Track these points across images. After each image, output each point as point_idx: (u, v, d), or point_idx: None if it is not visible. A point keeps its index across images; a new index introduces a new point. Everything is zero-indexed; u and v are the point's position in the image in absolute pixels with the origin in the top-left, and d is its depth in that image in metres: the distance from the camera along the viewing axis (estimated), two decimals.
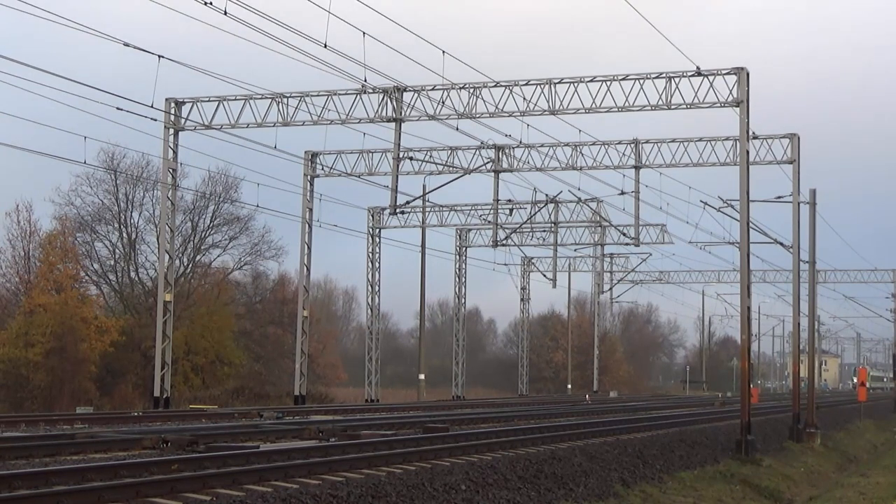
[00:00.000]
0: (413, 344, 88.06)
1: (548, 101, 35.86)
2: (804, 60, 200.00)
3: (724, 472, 23.71)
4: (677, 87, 34.63)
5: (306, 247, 46.53)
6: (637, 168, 43.45)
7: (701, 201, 43.29)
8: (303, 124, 38.96)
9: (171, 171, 40.06)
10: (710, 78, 33.79)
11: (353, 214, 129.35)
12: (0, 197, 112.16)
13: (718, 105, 33.58)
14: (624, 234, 54.36)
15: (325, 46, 27.74)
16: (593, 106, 35.58)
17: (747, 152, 31.08)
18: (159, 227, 47.81)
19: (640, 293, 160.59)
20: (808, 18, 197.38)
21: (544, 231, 58.60)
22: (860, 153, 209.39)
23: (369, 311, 57.39)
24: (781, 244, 43.27)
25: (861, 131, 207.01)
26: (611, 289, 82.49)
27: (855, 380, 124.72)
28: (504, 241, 54.88)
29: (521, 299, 76.67)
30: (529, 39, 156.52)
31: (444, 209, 57.08)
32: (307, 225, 46.18)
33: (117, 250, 56.85)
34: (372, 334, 57.00)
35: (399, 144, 37.48)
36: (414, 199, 45.79)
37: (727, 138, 41.37)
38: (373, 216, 56.58)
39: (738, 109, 32.46)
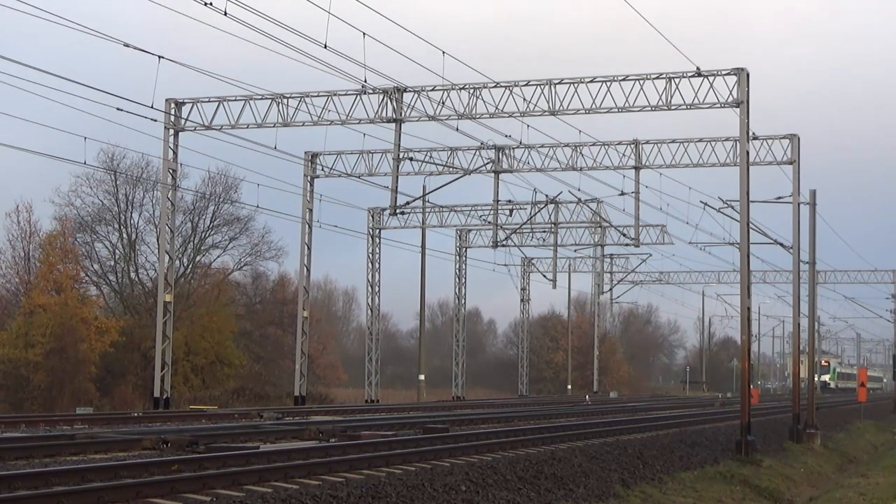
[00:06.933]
0: (413, 344, 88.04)
1: (548, 102, 35.85)
2: (804, 61, 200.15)
3: (724, 472, 23.69)
4: (677, 87, 34.63)
5: (306, 247, 46.54)
6: (637, 168, 43.45)
7: (701, 202, 43.37)
8: (303, 125, 38.93)
9: (171, 171, 40.06)
10: (710, 78, 33.79)
11: (354, 215, 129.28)
12: (0, 197, 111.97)
13: (718, 105, 33.56)
14: (624, 235, 54.38)
15: (326, 47, 27.75)
16: (593, 106, 35.57)
17: (747, 153, 31.06)
18: (159, 228, 47.82)
19: (640, 294, 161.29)
20: (807, 19, 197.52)
21: (544, 232, 58.60)
22: (860, 153, 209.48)
23: (369, 311, 57.42)
24: (781, 245, 43.30)
25: (861, 131, 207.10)
26: (611, 289, 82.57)
27: (825, 378, 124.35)
28: (504, 242, 54.90)
29: (521, 300, 76.68)
30: (530, 39, 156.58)
31: (444, 210, 57.05)
32: (307, 225, 46.18)
33: (117, 251, 56.83)
34: (372, 335, 56.99)
35: (399, 145, 37.47)
36: (414, 200, 45.81)
37: (727, 139, 41.38)
38: (373, 217, 56.58)
39: (738, 110, 32.45)
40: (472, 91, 36.33)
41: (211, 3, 25.99)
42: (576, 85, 35.71)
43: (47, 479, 14.03)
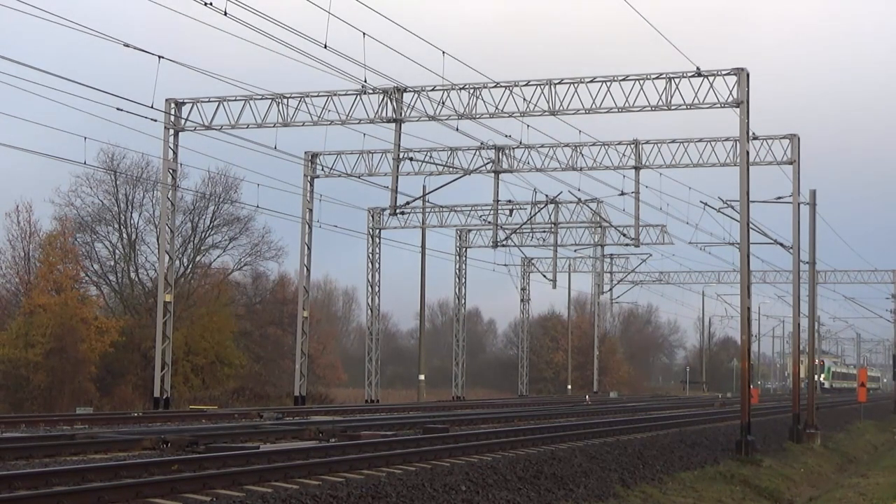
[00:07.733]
0: (413, 344, 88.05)
1: (548, 102, 35.85)
2: (804, 61, 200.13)
3: (724, 472, 23.70)
4: (677, 87, 34.63)
5: (306, 247, 46.54)
6: (637, 168, 43.45)
7: (701, 202, 43.37)
8: (303, 125, 38.93)
9: (171, 171, 40.06)
10: (710, 78, 33.79)
11: (354, 215, 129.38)
12: (0, 197, 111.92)
13: (718, 105, 33.56)
14: (624, 235, 54.37)
15: (326, 47, 27.76)
16: (593, 106, 35.57)
17: (747, 153, 31.07)
18: (159, 228, 47.83)
19: (640, 294, 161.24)
20: (807, 20, 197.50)
21: (544, 232, 58.60)
22: (860, 153, 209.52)
23: (369, 311, 57.41)
24: (781, 245, 43.30)
25: (861, 131, 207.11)
26: (611, 289, 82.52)
27: (820, 378, 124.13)
28: (504, 242, 54.88)
29: (521, 300, 76.68)
30: (530, 40, 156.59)
31: (444, 210, 57.05)
32: (307, 225, 46.19)
33: (117, 251, 56.83)
34: (372, 335, 56.99)
35: (399, 145, 37.47)
36: (414, 200, 45.79)
37: (727, 139, 41.38)
38: (373, 217, 56.58)
39: (738, 110, 32.46)
40: (472, 91, 36.32)
41: (211, 3, 26.00)
42: (576, 85, 35.70)
43: (47, 479, 14.03)
